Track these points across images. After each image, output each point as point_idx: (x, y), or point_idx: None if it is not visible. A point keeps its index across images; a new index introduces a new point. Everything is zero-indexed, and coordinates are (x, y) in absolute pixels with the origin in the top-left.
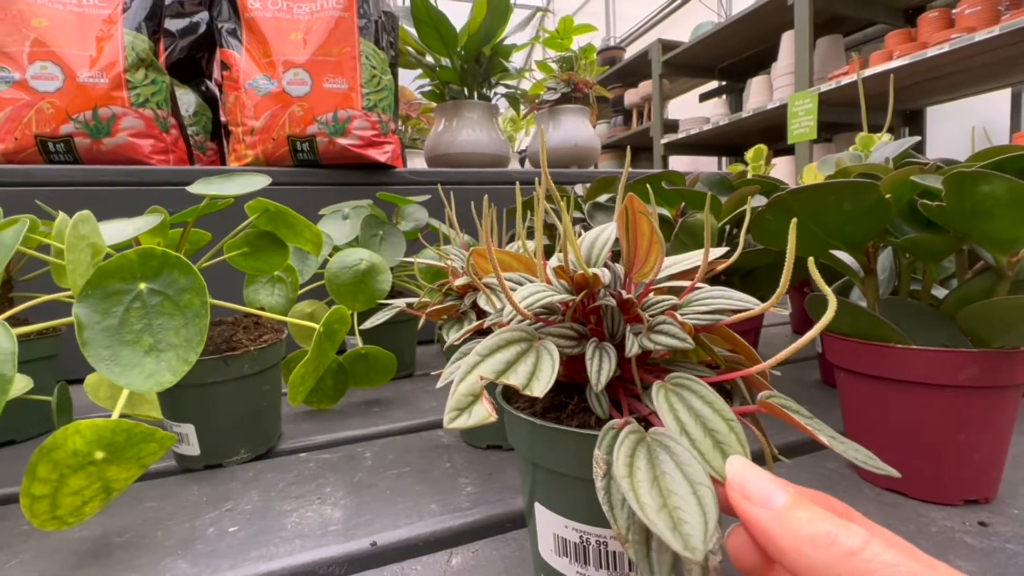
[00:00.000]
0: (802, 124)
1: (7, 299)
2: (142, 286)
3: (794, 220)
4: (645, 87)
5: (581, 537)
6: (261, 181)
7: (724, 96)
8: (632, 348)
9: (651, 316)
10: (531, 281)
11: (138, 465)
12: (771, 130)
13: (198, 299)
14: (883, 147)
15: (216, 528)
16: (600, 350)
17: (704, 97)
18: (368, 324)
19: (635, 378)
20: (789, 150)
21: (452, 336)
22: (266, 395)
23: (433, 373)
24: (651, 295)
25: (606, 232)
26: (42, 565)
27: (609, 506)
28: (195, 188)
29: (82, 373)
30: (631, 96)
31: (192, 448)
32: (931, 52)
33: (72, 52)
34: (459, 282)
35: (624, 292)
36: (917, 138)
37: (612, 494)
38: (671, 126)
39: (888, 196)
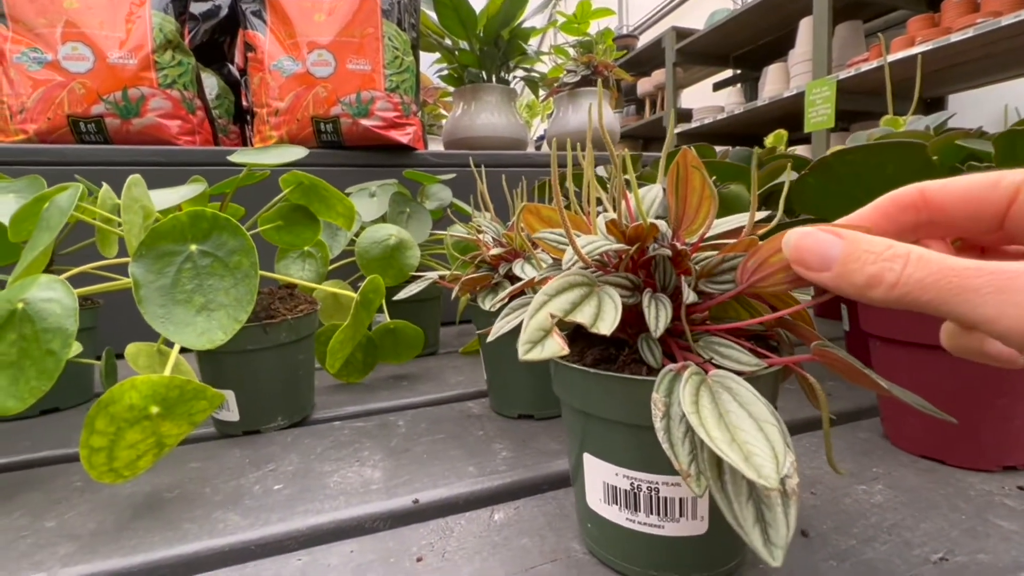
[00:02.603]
0: (819, 112)
1: (50, 271)
2: (192, 247)
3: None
4: (658, 76)
5: (632, 484)
6: (298, 152)
7: (739, 85)
8: (688, 296)
9: (701, 267)
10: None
11: (189, 422)
12: (787, 119)
13: (247, 260)
14: (918, 120)
15: (261, 486)
16: (656, 299)
17: (718, 86)
18: (403, 294)
19: (685, 328)
20: (805, 139)
21: (489, 303)
22: (301, 364)
23: (460, 351)
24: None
25: (652, 192)
26: (100, 516)
27: (669, 444)
28: (236, 157)
29: (113, 347)
30: (644, 85)
31: (232, 414)
32: (955, 37)
33: (102, 33)
34: (494, 252)
35: (678, 244)
36: (953, 112)
37: (672, 432)
38: (685, 115)
39: (935, 158)
